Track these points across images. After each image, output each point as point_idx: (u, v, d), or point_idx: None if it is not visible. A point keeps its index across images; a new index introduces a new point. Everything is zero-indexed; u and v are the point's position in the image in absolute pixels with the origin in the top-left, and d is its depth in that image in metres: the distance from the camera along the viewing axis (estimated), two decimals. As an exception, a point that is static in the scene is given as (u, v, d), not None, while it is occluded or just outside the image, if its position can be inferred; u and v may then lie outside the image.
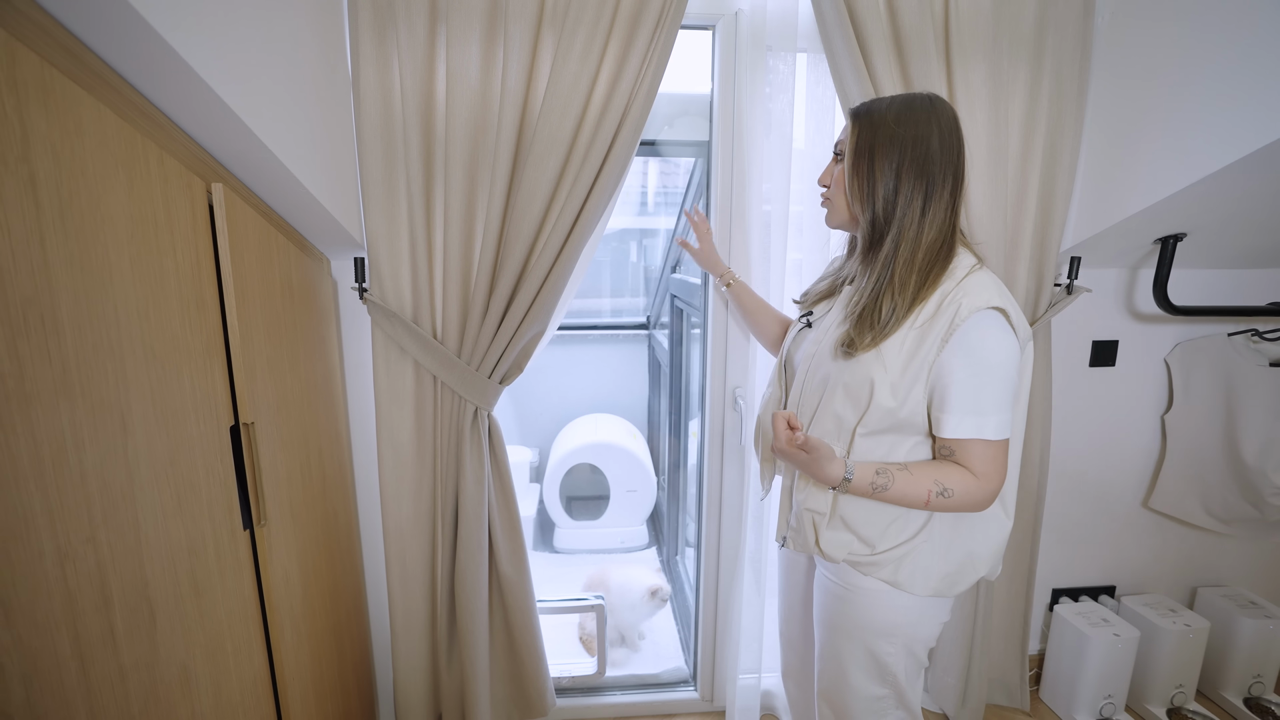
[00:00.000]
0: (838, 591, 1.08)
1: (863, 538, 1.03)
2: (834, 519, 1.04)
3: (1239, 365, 1.68)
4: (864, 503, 1.02)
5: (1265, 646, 1.79)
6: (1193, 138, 1.28)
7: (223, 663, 0.92)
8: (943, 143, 0.94)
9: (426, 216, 1.31)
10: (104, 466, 0.69)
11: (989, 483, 0.94)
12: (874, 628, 1.05)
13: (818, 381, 1.04)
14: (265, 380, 1.06)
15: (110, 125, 0.71)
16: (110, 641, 0.69)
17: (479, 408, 1.37)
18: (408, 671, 1.52)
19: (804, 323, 1.12)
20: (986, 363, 0.91)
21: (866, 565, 1.03)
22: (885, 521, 1.02)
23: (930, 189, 0.94)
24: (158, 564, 0.78)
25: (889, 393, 0.95)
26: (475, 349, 1.34)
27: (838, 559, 1.04)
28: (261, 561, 1.03)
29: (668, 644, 2.02)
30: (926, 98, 0.97)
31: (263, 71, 0.97)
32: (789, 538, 1.11)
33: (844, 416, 1.00)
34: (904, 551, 1.01)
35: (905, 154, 0.94)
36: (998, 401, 0.92)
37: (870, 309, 0.96)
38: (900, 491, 0.95)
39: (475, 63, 1.24)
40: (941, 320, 0.92)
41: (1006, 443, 0.95)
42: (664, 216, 3.09)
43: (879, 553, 1.02)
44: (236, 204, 0.97)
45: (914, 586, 1.01)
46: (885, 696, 1.08)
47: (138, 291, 0.75)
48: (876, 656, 1.06)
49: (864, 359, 0.96)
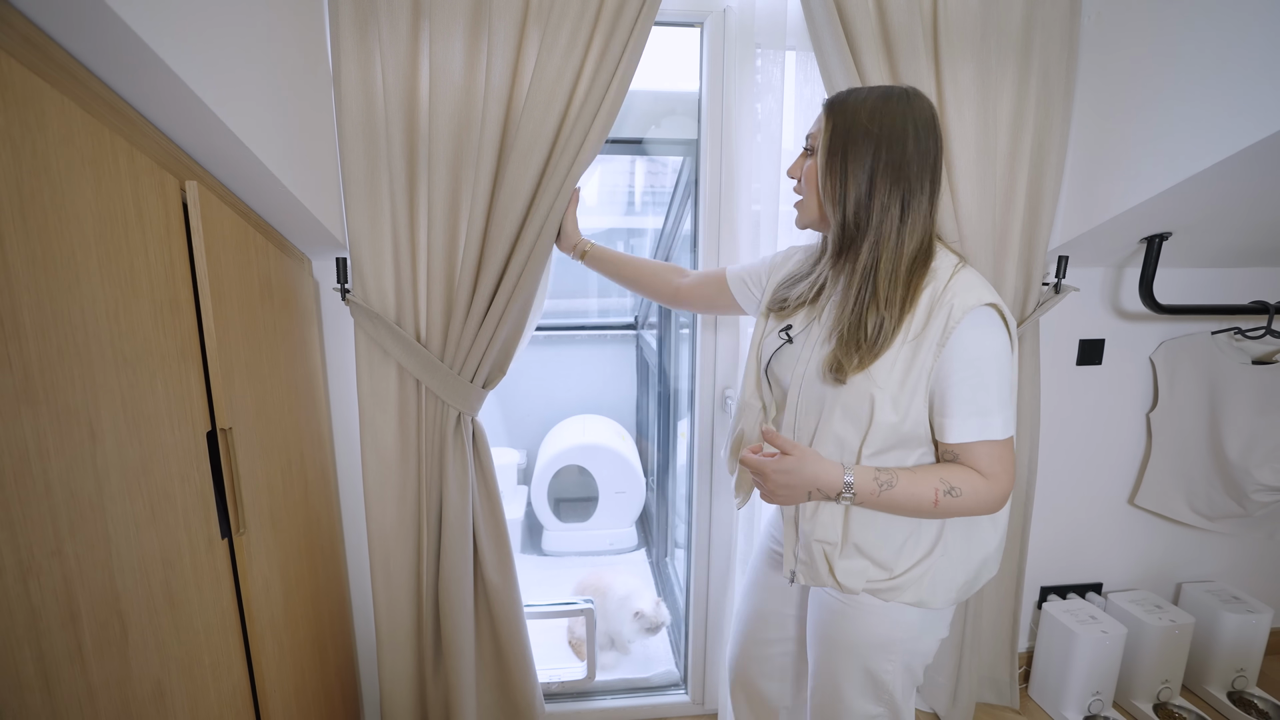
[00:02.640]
0: (837, 607, 1.02)
1: (879, 562, 0.97)
2: (847, 547, 0.97)
3: (1222, 363, 1.70)
4: (877, 525, 0.96)
5: (1248, 641, 1.82)
6: (1177, 138, 1.29)
7: (200, 677, 0.88)
8: (919, 143, 0.89)
9: (410, 215, 1.29)
10: (70, 476, 0.66)
11: (998, 483, 0.90)
12: (873, 644, 1.00)
13: (813, 403, 0.98)
14: (243, 384, 1.03)
15: (76, 120, 0.68)
16: (78, 659, 0.66)
17: (462, 413, 1.35)
18: (393, 681, 1.49)
19: (785, 337, 1.03)
20: (985, 361, 0.87)
21: (888, 592, 0.97)
22: (900, 540, 0.96)
23: (908, 194, 0.89)
24: (129, 576, 0.75)
25: (890, 407, 0.90)
26: (458, 351, 1.32)
27: (857, 589, 0.97)
28: (241, 571, 1.00)
29: (658, 647, 2.01)
30: (904, 91, 0.92)
31: (239, 66, 0.94)
32: (798, 572, 1.03)
33: (846, 438, 0.94)
34: (923, 570, 0.96)
35: (880, 154, 0.88)
36: (1000, 399, 0.89)
37: (855, 327, 0.91)
38: (906, 491, 0.89)
39: (459, 58, 1.21)
40: (935, 325, 0.88)
41: (1012, 440, 0.92)
42: (651, 216, 3.07)
43: (897, 576, 0.96)
44: (212, 202, 0.94)
45: (936, 601, 0.97)
46: (880, 715, 1.04)
47: (106, 293, 0.72)
48: (874, 674, 1.02)
49: (858, 378, 0.91)
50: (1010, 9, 1.36)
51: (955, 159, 1.39)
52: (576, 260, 1.34)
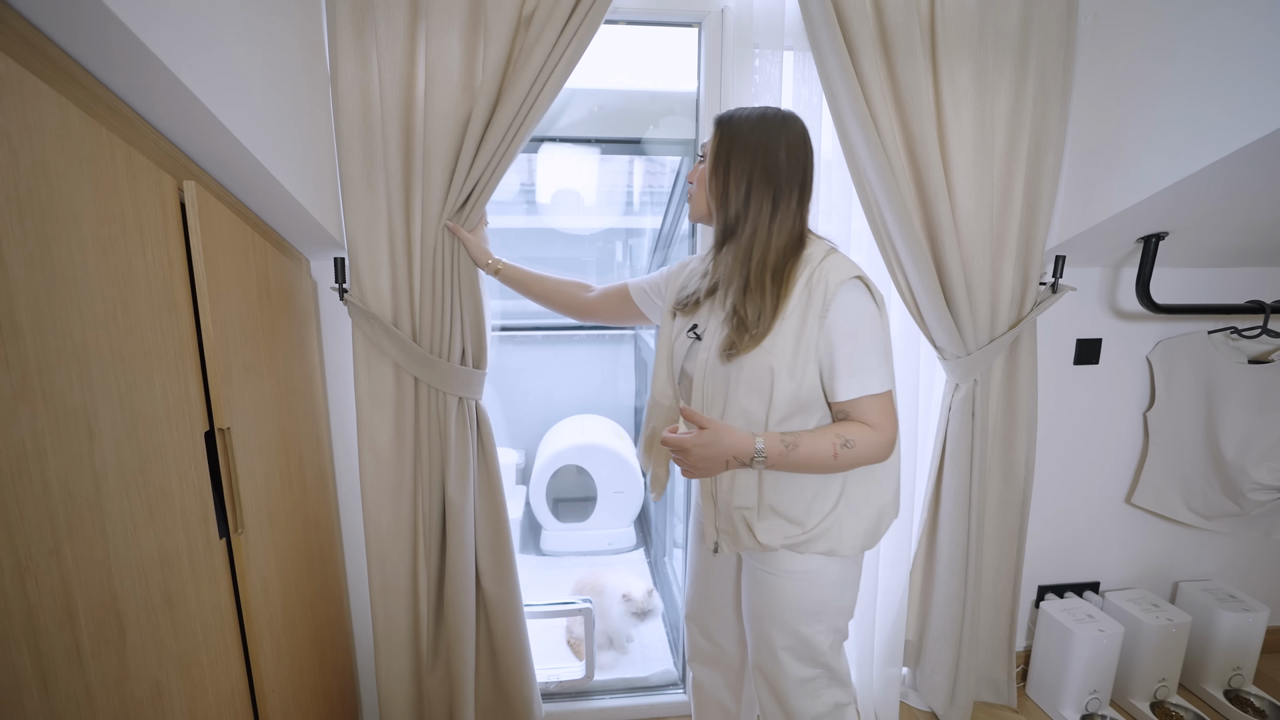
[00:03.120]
0: (765, 580, 1.13)
1: (792, 519, 1.08)
2: (763, 509, 1.10)
3: (1219, 363, 1.71)
4: (786, 486, 1.08)
5: (1244, 639, 1.82)
6: (1174, 137, 1.29)
7: (198, 677, 0.88)
8: (790, 155, 1.03)
9: (406, 215, 1.29)
10: (69, 476, 0.66)
11: (884, 432, 1.02)
12: (803, 610, 1.11)
13: (719, 384, 1.08)
14: (242, 384, 1.03)
15: (74, 120, 0.68)
16: (76, 659, 0.66)
17: (463, 397, 1.36)
18: (390, 681, 1.49)
19: (694, 336, 1.14)
20: (860, 325, 1.01)
21: (803, 544, 1.08)
22: (808, 498, 1.08)
23: (779, 195, 1.03)
24: (128, 576, 0.75)
25: (788, 376, 1.02)
26: (441, 339, 1.33)
27: (775, 546, 1.09)
28: (239, 570, 1.00)
29: (656, 646, 2.01)
30: (779, 114, 1.06)
31: (237, 66, 0.94)
32: (721, 542, 1.15)
33: (752, 410, 1.05)
34: (830, 522, 1.08)
35: (756, 162, 1.03)
36: (877, 357, 1.02)
37: (740, 310, 1.04)
38: (808, 449, 1.00)
39: (456, 57, 1.21)
40: (815, 300, 1.01)
41: (892, 394, 1.04)
42: (649, 216, 3.07)
43: (810, 529, 1.08)
44: (210, 202, 0.94)
45: (845, 548, 1.09)
46: (817, 677, 1.15)
47: (104, 293, 0.72)
48: (804, 638, 1.12)
49: (757, 352, 1.02)
50: (1007, 9, 1.36)
51: (952, 159, 1.40)
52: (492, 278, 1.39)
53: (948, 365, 1.55)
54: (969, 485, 1.58)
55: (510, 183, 2.73)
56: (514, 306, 3.04)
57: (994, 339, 1.51)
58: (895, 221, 1.38)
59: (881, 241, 1.44)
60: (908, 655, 1.79)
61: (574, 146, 2.35)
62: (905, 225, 1.37)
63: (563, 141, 2.21)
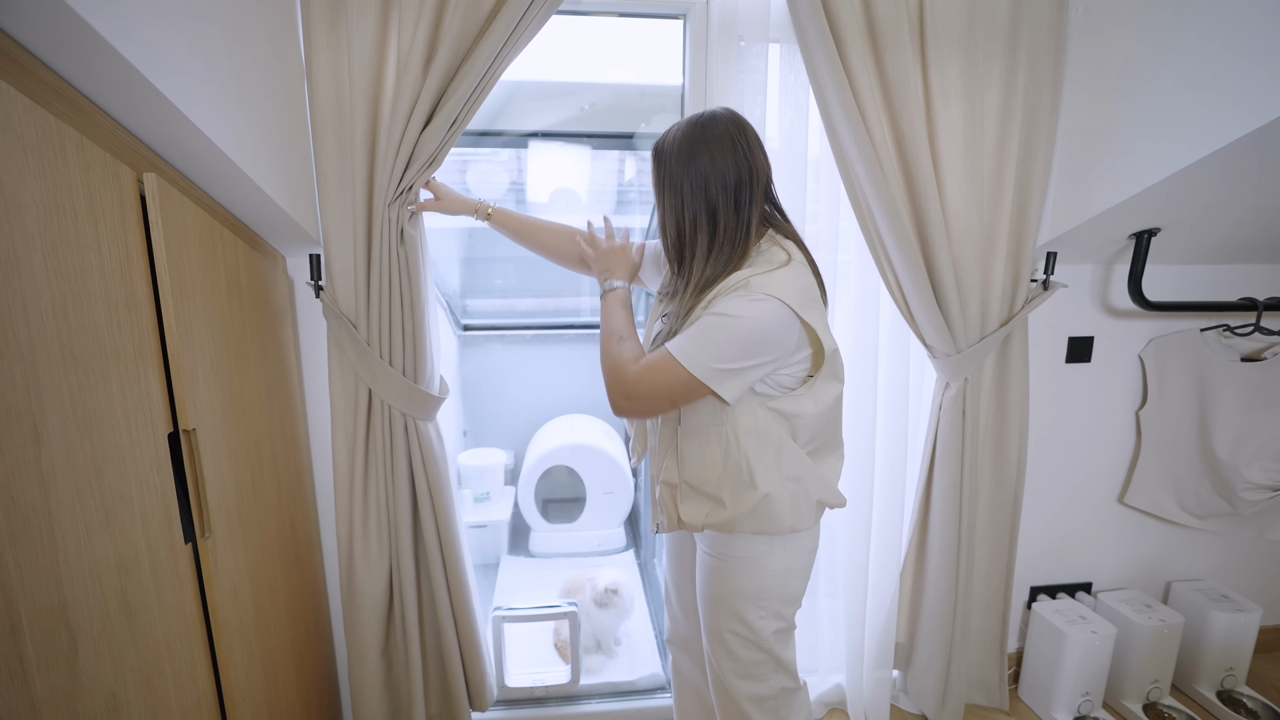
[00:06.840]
0: (712, 564, 1.15)
1: (712, 497, 1.09)
2: (683, 487, 1.12)
3: (1211, 360, 1.69)
4: (691, 454, 1.10)
5: (1237, 640, 1.80)
6: (1166, 131, 1.27)
7: (159, 687, 0.85)
8: (715, 161, 1.00)
9: (368, 211, 1.24)
10: (11, 481, 0.63)
11: (636, 379, 1.04)
12: (745, 594, 1.12)
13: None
14: (209, 384, 1.00)
15: (17, 107, 0.65)
16: (19, 673, 0.63)
17: (409, 417, 1.34)
18: (360, 687, 1.46)
19: (666, 322, 1.15)
20: (722, 319, 0.98)
21: (731, 523, 1.08)
22: (716, 476, 1.08)
23: (715, 211, 1.02)
24: (79, 584, 0.72)
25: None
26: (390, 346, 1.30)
27: (699, 525, 1.10)
28: (206, 576, 0.97)
29: (644, 650, 1.98)
30: (702, 118, 1.03)
31: (202, 56, 0.91)
32: (659, 521, 1.17)
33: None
34: (751, 503, 1.07)
35: (683, 189, 1.02)
36: (704, 346, 0.99)
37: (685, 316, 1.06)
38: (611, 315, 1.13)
39: (422, 50, 1.18)
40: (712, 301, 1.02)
41: (676, 370, 1.00)
42: (639, 214, 3.04)
43: (731, 509, 1.07)
44: (173, 196, 0.91)
45: (776, 527, 1.08)
46: (763, 661, 1.16)
47: (53, 289, 0.69)
48: (748, 622, 1.13)
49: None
50: (997, 1, 1.34)
51: (942, 154, 1.38)
52: (481, 223, 1.34)
53: (938, 363, 1.52)
54: (960, 485, 1.55)
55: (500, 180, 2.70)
56: (503, 306, 3.01)
57: (985, 337, 1.49)
58: (884, 218, 1.36)
59: (870, 239, 1.41)
60: (898, 658, 1.77)
61: (564, 143, 2.32)
62: (894, 222, 1.35)
63: (553, 138, 2.18)
